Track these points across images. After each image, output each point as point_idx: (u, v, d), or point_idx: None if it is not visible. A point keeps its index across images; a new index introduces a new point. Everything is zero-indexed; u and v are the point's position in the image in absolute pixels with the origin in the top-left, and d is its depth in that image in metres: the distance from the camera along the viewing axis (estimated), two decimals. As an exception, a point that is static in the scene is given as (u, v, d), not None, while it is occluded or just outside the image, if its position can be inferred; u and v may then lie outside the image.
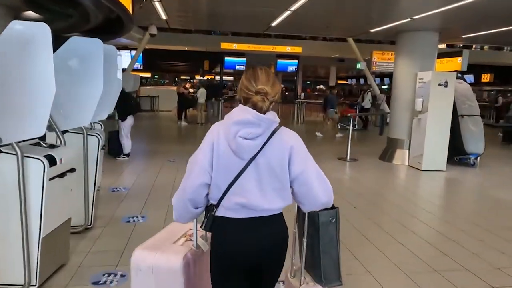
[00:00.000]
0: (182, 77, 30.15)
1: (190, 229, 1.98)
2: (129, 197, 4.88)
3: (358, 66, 14.74)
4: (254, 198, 1.47)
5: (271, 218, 1.53)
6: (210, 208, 1.54)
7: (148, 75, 42.05)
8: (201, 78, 22.62)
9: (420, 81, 7.18)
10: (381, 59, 16.13)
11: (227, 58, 15.95)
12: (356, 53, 16.09)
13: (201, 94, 13.06)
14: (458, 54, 10.77)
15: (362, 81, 36.84)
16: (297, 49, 16.38)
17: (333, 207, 1.65)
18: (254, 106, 1.48)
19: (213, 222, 1.53)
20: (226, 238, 1.52)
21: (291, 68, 16.16)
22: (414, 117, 7.30)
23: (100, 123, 4.52)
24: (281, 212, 1.57)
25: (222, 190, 1.49)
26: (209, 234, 1.77)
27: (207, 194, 1.54)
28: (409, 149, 7.57)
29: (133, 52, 17.89)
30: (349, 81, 42.70)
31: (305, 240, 1.68)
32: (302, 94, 16.81)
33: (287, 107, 19.58)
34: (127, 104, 6.90)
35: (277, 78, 1.59)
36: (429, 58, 7.55)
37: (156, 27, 9.12)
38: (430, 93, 6.87)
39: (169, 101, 16.76)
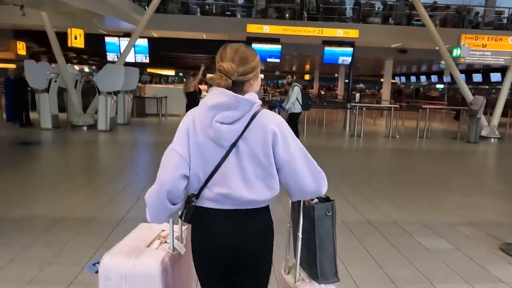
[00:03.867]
0: (208, 75, 26.20)
1: (163, 230, 1.79)
2: None
3: (457, 52, 10.05)
4: (237, 188, 1.34)
5: (257, 211, 1.39)
6: (190, 198, 1.39)
7: (172, 72, 38.30)
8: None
9: None
10: (474, 46, 11.33)
11: (255, 46, 11.65)
12: (436, 39, 11.36)
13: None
14: None
15: (418, 79, 31.46)
16: (352, 33, 11.88)
17: (328, 200, 1.49)
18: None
19: (194, 213, 1.38)
20: (208, 230, 1.39)
21: (343, 59, 11.66)
22: None
23: None
24: (268, 206, 1.43)
25: (202, 181, 1.36)
26: (184, 235, 1.73)
27: (184, 188, 1.39)
28: None
29: (137, 41, 14.07)
30: (397, 79, 37.38)
31: (299, 234, 1.51)
32: (358, 95, 12.38)
33: (332, 113, 15.08)
34: None
35: (254, 54, 1.40)
36: None
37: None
38: None
39: (180, 103, 12.73)
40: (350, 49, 11.62)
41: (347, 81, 30.53)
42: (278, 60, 12.04)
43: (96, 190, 4.73)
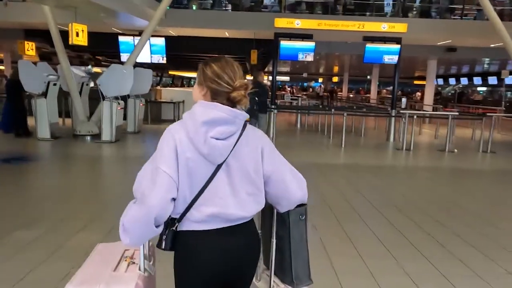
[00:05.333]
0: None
1: (126, 250, 1.57)
2: None
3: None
4: (228, 206, 1.28)
5: (245, 225, 1.35)
6: (169, 223, 1.29)
7: (195, 74, 37.26)
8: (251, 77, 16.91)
9: None
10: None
11: (284, 43, 10.08)
12: (503, 34, 9.41)
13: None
14: None
15: (459, 81, 28.76)
16: (399, 27, 10.10)
17: (301, 204, 1.47)
18: (235, 102, 1.28)
19: (175, 239, 1.30)
20: (198, 253, 1.29)
21: (389, 58, 9.91)
22: None
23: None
24: (252, 218, 1.40)
25: (188, 202, 1.27)
26: (151, 252, 1.55)
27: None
28: None
29: (153, 40, 12.82)
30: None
31: (274, 240, 1.50)
32: (404, 99, 10.50)
33: (367, 119, 13.25)
34: None
35: None
36: None
37: None
38: None
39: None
40: (396, 46, 9.87)
41: (378, 83, 28.41)
42: (311, 59, 10.40)
43: (54, 249, 3.28)
